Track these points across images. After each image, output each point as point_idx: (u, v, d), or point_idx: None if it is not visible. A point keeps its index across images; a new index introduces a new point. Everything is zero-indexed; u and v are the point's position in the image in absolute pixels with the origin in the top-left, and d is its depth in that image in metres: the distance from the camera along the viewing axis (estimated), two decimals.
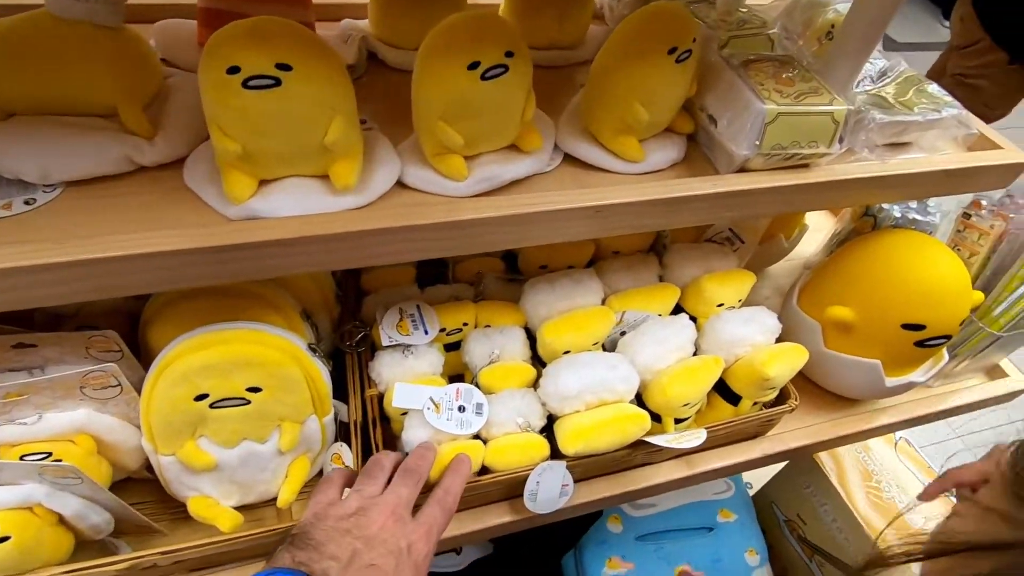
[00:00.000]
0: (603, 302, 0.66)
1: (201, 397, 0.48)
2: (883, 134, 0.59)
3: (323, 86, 0.40)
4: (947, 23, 2.19)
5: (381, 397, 0.59)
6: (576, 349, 0.62)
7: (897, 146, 0.62)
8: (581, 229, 0.49)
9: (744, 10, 0.65)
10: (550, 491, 0.57)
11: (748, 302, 0.69)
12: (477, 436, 0.57)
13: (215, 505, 0.52)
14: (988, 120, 1.76)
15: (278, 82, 0.38)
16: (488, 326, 0.65)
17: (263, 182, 0.44)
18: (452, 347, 0.65)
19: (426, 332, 0.61)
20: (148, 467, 0.53)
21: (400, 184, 0.48)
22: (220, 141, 0.40)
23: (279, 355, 0.49)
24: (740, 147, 0.50)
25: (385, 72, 0.62)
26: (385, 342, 0.59)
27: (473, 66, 0.43)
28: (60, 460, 0.46)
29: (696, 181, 0.51)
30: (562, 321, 0.61)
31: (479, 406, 0.56)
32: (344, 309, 0.67)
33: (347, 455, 0.56)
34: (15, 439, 0.46)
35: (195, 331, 0.48)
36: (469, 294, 0.67)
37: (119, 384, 0.47)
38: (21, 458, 0.46)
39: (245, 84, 0.38)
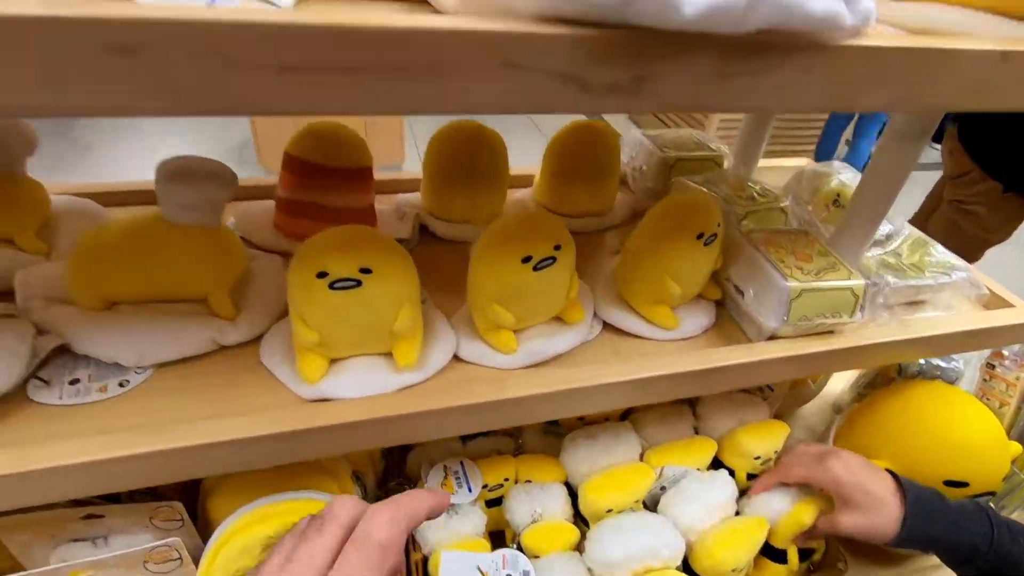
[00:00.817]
0: (641, 456, 0.67)
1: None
2: (899, 296, 0.64)
3: (396, 283, 0.45)
4: (937, 146, 2.31)
5: (426, 560, 0.59)
6: (618, 508, 0.62)
7: (914, 303, 0.66)
8: (623, 399, 0.52)
9: (753, 183, 0.73)
10: None
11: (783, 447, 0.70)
12: None
13: None
14: (989, 244, 1.80)
15: (359, 283, 0.43)
16: (529, 481, 0.65)
17: (333, 360, 0.48)
18: (493, 503, 0.65)
19: (470, 490, 0.62)
20: None
21: (456, 357, 0.52)
22: (301, 330, 0.45)
23: None
24: (769, 320, 0.54)
25: (435, 243, 0.68)
26: None
27: (526, 259, 0.48)
28: None
29: (730, 350, 0.54)
30: (604, 480, 0.62)
31: (526, 574, 0.55)
32: (388, 463, 0.68)
33: None
34: None
35: (256, 503, 0.49)
36: (509, 446, 0.69)
37: (180, 557, 0.48)
38: None
39: (331, 286, 0.43)
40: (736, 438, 0.67)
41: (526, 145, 1.77)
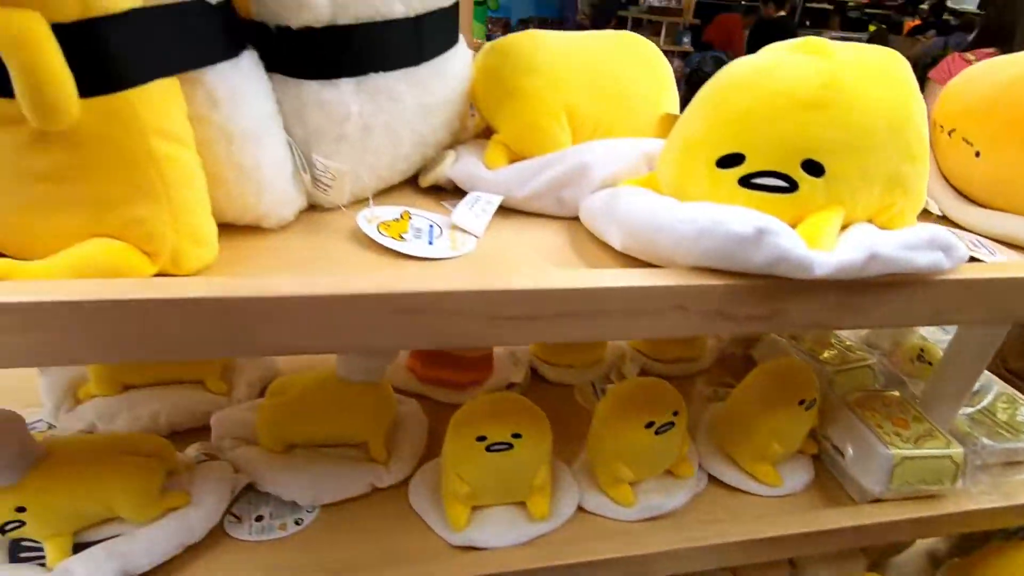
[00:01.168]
0: None
1: None
2: (996, 458, 0.66)
3: (540, 444, 0.52)
4: None
5: None
6: None
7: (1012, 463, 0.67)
8: (740, 556, 0.56)
9: (835, 340, 0.78)
10: None
11: None
12: None
13: None
14: None
15: (511, 446, 0.51)
16: None
17: (474, 508, 0.55)
18: None
19: None
20: None
21: (580, 508, 0.57)
22: (456, 484, 0.52)
23: None
24: (872, 485, 0.58)
25: (544, 385, 0.76)
26: None
27: (649, 425, 0.54)
28: None
29: (839, 513, 0.58)
30: None
31: None
32: None
33: None
34: None
35: None
36: None
37: None
38: None
39: (488, 448, 0.50)
40: None
41: None
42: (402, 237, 0.42)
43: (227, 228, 0.40)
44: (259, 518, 0.54)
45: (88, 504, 0.46)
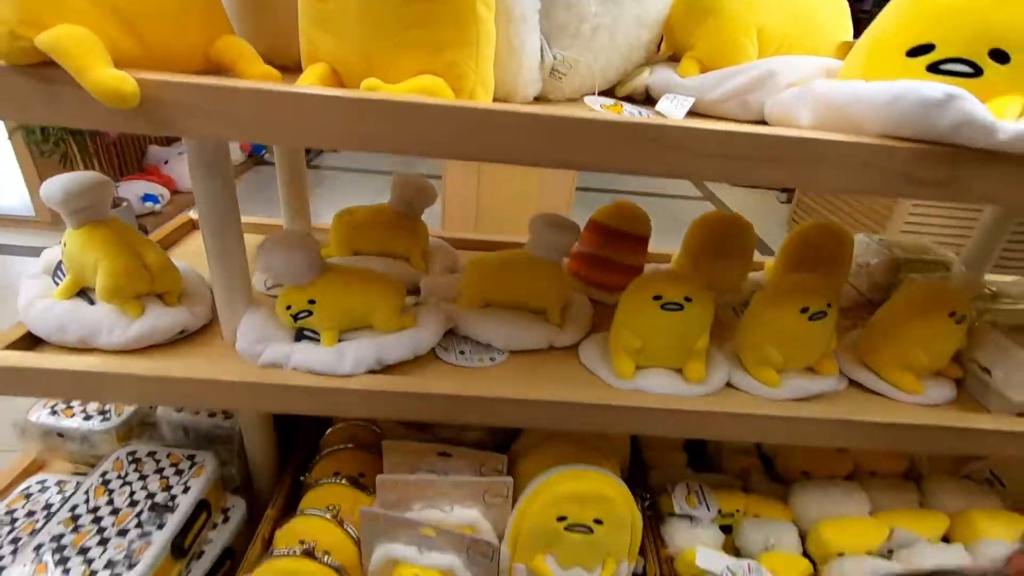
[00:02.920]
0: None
1: (561, 519, 0.63)
2: None
3: (705, 311, 0.61)
4: None
5: (671, 559, 0.69)
6: (849, 553, 0.68)
7: None
8: (879, 438, 0.61)
9: (988, 286, 0.80)
10: None
11: None
12: None
13: None
14: None
15: (682, 307, 0.60)
16: (756, 516, 0.74)
17: (638, 368, 0.64)
18: (722, 528, 0.74)
19: (708, 509, 0.72)
20: None
21: (728, 384, 0.65)
22: (628, 337, 0.62)
23: (622, 498, 0.64)
24: (1019, 395, 0.61)
25: None
26: (677, 511, 0.71)
27: (804, 310, 0.61)
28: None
29: (983, 417, 0.61)
30: (841, 525, 0.69)
31: None
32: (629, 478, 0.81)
33: None
34: (433, 521, 0.63)
35: (566, 466, 0.65)
36: (736, 485, 0.78)
37: (508, 496, 0.65)
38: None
39: (663, 306, 0.60)
40: (971, 517, 0.71)
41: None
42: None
43: None
44: (462, 352, 0.67)
45: (357, 306, 0.61)
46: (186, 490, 0.65)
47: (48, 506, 0.69)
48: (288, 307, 0.60)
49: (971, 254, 0.86)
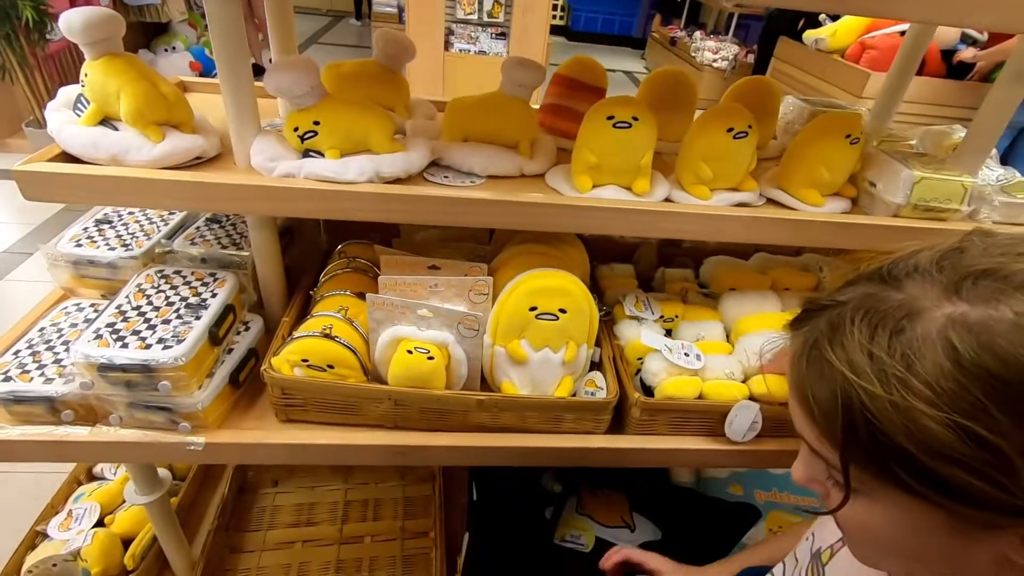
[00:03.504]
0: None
1: (532, 308, 0.77)
2: (1004, 214, 0.83)
3: (649, 130, 0.73)
4: None
5: (621, 349, 0.85)
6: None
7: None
8: (789, 235, 0.76)
9: (888, 132, 0.94)
10: (743, 424, 0.77)
11: None
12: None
13: (516, 391, 0.79)
14: None
15: (630, 125, 0.72)
16: (692, 321, 0.90)
17: (594, 185, 0.77)
18: (666, 333, 0.91)
19: (652, 313, 0.88)
20: None
21: (667, 200, 0.79)
22: (585, 154, 0.74)
23: (581, 292, 0.78)
24: (895, 198, 0.77)
25: None
26: (627, 313, 0.87)
27: (729, 130, 0.74)
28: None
29: (868, 218, 0.77)
30: (756, 316, 0.86)
31: (699, 356, 0.80)
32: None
33: (599, 379, 0.82)
34: (427, 313, 0.77)
35: (537, 269, 0.78)
36: (676, 300, 0.94)
37: (488, 293, 0.78)
38: None
39: (614, 125, 0.72)
40: None
41: None
42: None
43: None
44: (446, 176, 0.78)
45: (356, 128, 0.71)
46: (214, 295, 0.76)
47: (89, 320, 0.79)
48: (295, 128, 0.70)
49: (876, 107, 1.01)
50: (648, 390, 0.81)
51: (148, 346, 0.68)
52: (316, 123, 0.70)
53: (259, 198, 0.68)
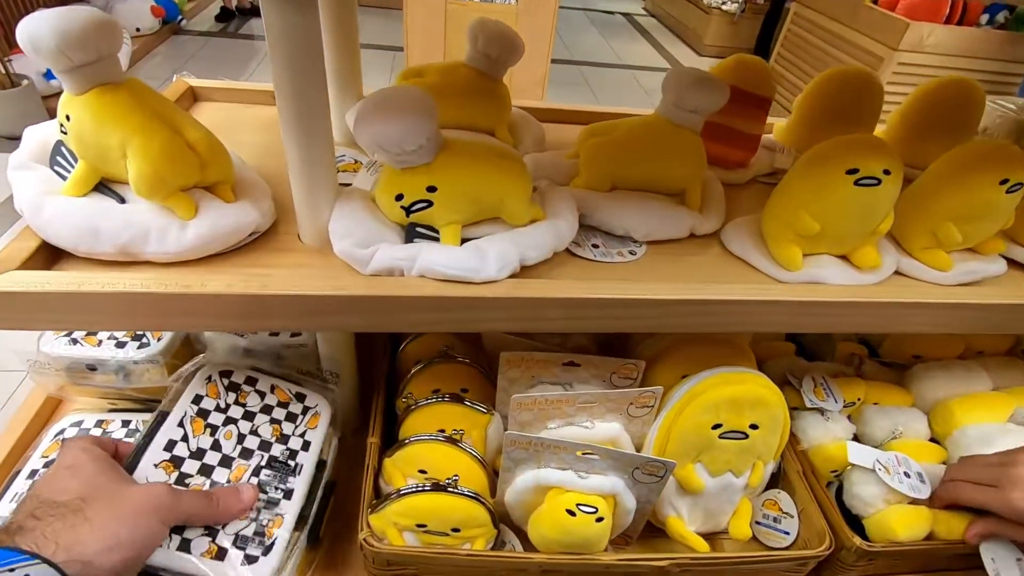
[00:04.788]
0: None
1: (716, 426, 0.57)
2: None
3: (898, 184, 0.51)
4: None
5: (806, 457, 0.66)
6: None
7: None
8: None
9: None
10: (1009, 569, 0.58)
11: None
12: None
13: (685, 527, 0.60)
14: None
15: (879, 183, 0.50)
16: (876, 404, 0.71)
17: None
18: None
19: (836, 400, 0.68)
20: None
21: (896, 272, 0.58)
22: (802, 220, 0.52)
23: (777, 399, 0.58)
24: None
25: None
26: (807, 404, 0.67)
27: (1003, 182, 0.53)
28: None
29: None
30: (968, 399, 0.67)
31: (922, 476, 0.61)
32: None
33: (785, 502, 0.62)
34: (577, 439, 0.56)
35: (717, 369, 0.58)
36: (849, 374, 0.74)
37: (655, 407, 0.58)
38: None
39: (857, 182, 0.50)
40: None
41: None
42: None
43: None
44: (595, 245, 0.55)
45: (485, 193, 0.48)
46: (304, 441, 0.55)
47: None
48: (398, 196, 0.47)
49: None
50: (851, 517, 0.62)
51: (222, 551, 0.46)
52: (432, 189, 0.46)
53: (354, 311, 0.45)
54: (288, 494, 0.51)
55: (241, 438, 0.53)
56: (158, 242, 0.44)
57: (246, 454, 0.52)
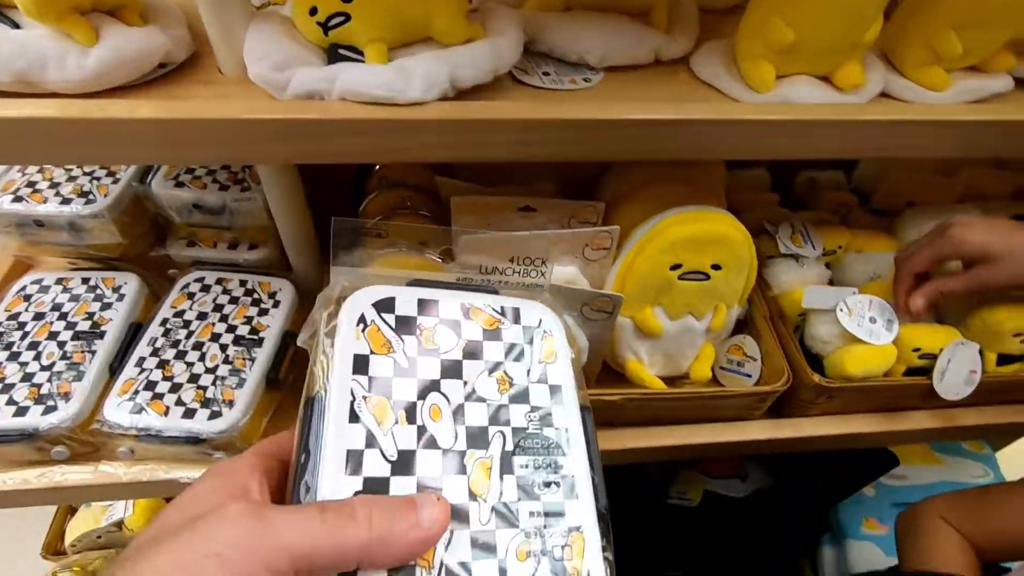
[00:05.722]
0: None
1: (675, 267, 0.55)
2: None
3: None
4: None
5: (776, 303, 0.64)
6: None
7: None
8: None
9: None
10: (958, 375, 0.58)
11: None
12: None
13: (644, 370, 0.60)
14: None
15: None
16: (859, 252, 0.68)
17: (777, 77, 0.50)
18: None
19: (814, 247, 0.65)
20: None
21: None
22: (777, 32, 0.46)
23: (742, 238, 0.55)
24: None
25: None
26: (782, 250, 0.64)
27: None
28: None
29: None
30: None
31: (890, 322, 0.59)
32: None
33: (750, 346, 0.62)
34: None
35: (678, 209, 0.55)
36: (834, 222, 0.71)
37: (611, 248, 0.55)
38: None
39: None
40: None
41: None
42: None
43: None
44: (546, 73, 0.50)
45: (407, 5, 0.42)
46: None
47: (57, 306, 0.58)
48: (312, 10, 0.42)
49: None
50: (812, 357, 0.62)
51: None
52: (347, 0, 0.41)
53: (272, 138, 0.42)
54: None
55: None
56: (58, 70, 0.41)
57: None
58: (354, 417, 0.29)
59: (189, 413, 0.51)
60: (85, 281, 0.60)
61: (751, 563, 0.92)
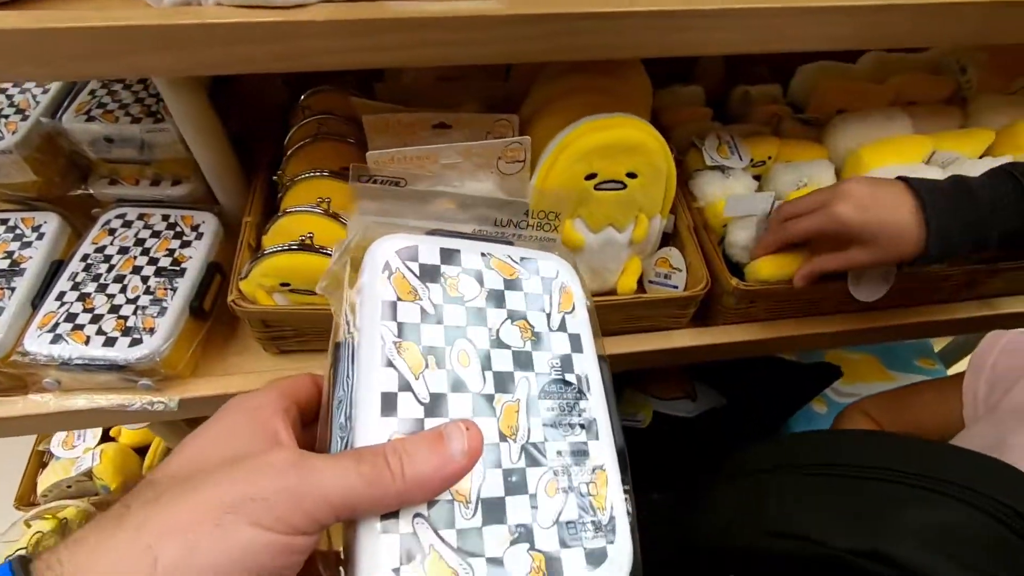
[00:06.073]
0: None
1: (590, 177, 0.54)
2: None
3: None
4: None
5: (701, 213, 0.64)
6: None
7: None
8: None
9: None
10: (873, 278, 0.59)
11: None
12: None
13: None
14: None
15: None
16: (789, 162, 0.68)
17: None
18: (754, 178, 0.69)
19: (740, 158, 0.65)
20: None
21: None
22: None
23: (657, 145, 0.55)
24: None
25: None
26: (708, 162, 0.64)
27: None
28: None
29: None
30: (881, 143, 0.63)
31: None
32: None
33: (675, 258, 0.62)
34: (449, 205, 0.55)
35: (590, 117, 0.54)
36: (765, 133, 0.70)
37: (526, 159, 0.55)
38: None
39: None
40: (1018, 130, 0.65)
41: None
42: None
43: None
44: None
45: None
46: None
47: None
48: None
49: None
50: (735, 267, 0.62)
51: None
52: None
53: (149, 47, 0.41)
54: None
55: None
56: None
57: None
58: (386, 361, 0.29)
59: (110, 342, 0.52)
60: (3, 222, 0.60)
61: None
